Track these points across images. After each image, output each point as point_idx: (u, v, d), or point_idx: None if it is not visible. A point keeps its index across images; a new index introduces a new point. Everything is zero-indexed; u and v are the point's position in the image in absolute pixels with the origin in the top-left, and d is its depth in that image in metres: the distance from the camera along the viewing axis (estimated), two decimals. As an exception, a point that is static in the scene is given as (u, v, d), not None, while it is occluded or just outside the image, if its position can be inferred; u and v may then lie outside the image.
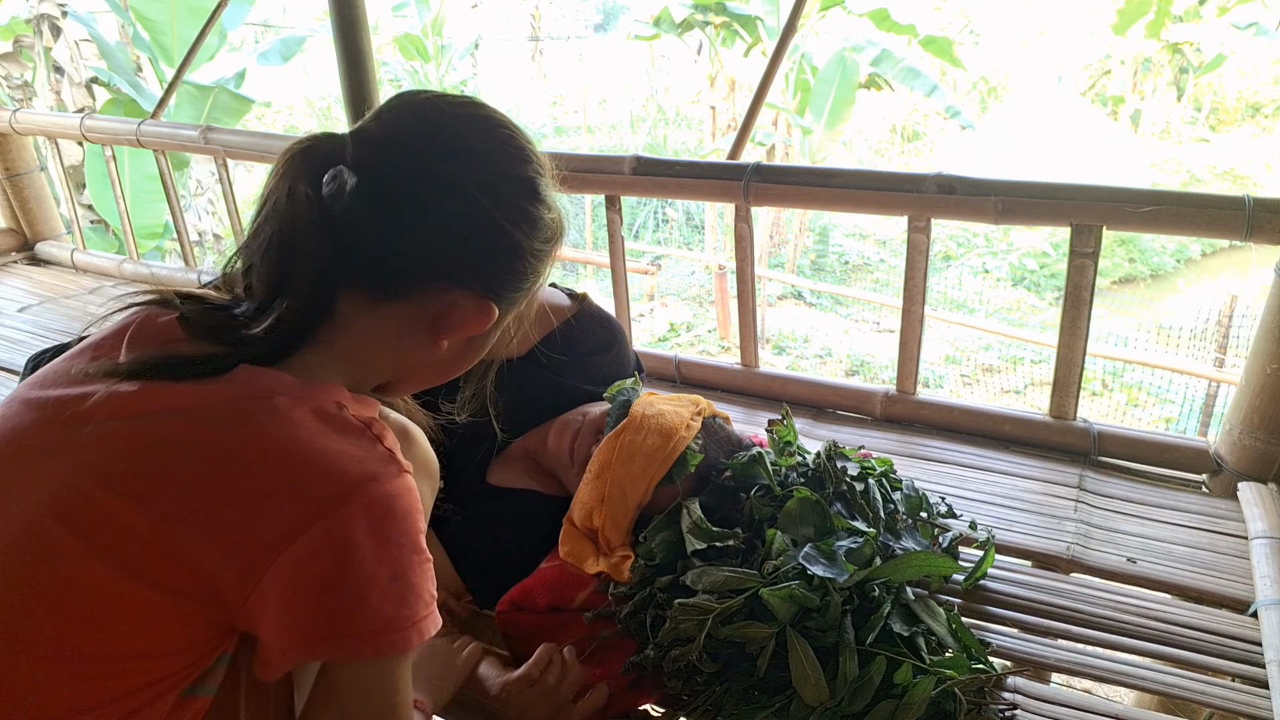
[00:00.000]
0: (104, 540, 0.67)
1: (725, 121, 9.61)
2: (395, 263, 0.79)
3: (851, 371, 7.96)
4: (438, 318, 0.82)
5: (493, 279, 0.83)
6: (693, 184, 1.96)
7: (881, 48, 7.99)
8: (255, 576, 0.68)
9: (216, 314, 0.79)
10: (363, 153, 0.79)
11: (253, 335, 0.76)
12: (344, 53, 2.29)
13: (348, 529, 0.69)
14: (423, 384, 0.91)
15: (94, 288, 2.91)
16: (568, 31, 16.41)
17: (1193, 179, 11.83)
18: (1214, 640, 1.22)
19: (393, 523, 0.72)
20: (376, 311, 0.80)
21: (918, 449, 1.80)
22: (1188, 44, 12.60)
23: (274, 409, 0.72)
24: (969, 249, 10.40)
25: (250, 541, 0.68)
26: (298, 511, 0.68)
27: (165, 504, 0.68)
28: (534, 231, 0.84)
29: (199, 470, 0.69)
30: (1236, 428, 1.60)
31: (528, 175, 0.84)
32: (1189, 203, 1.56)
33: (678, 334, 8.53)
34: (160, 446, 0.70)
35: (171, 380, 0.73)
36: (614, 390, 1.39)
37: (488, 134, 0.83)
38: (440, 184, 0.78)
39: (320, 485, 0.70)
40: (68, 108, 5.86)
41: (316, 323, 0.78)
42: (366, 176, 0.78)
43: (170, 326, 0.78)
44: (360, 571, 0.70)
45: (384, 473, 0.73)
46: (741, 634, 1.07)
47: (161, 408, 0.72)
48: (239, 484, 0.69)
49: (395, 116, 0.82)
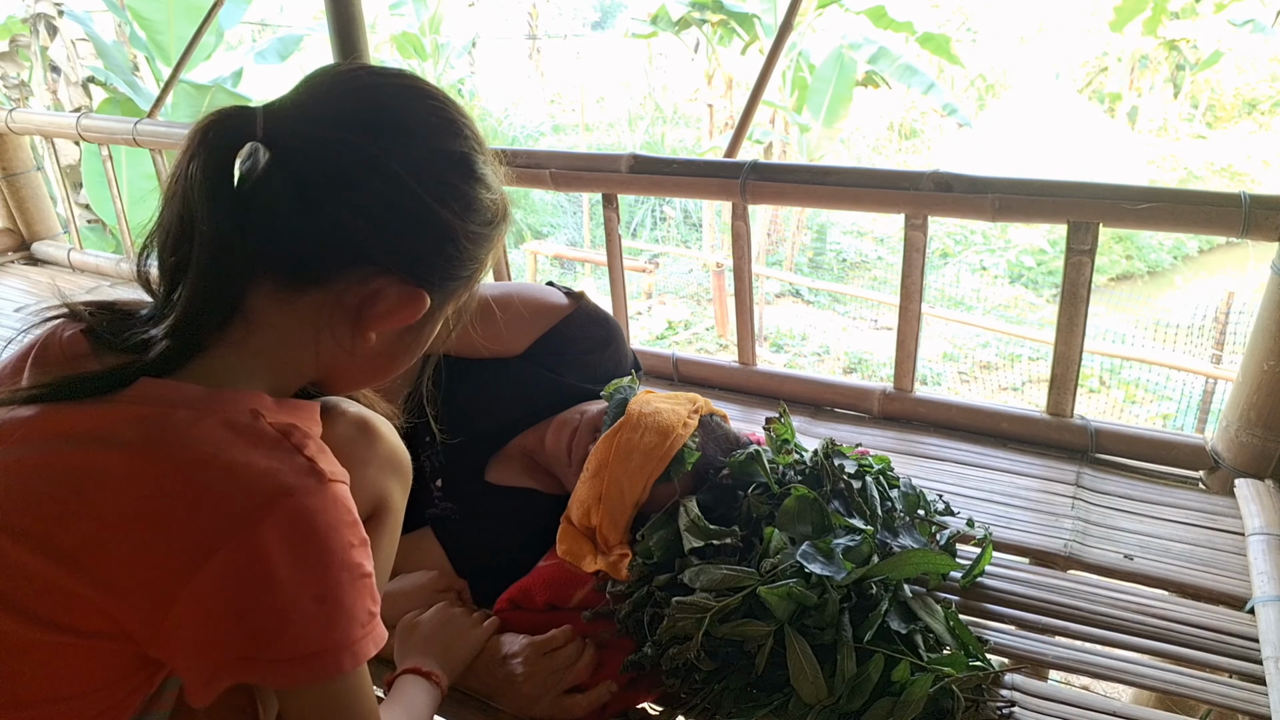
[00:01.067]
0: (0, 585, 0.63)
1: (723, 119, 9.62)
2: (309, 246, 0.71)
3: (849, 369, 7.96)
4: (361, 307, 0.74)
5: (421, 264, 0.75)
6: (689, 182, 1.96)
7: (879, 45, 8.00)
8: (164, 608, 0.63)
9: (125, 321, 0.73)
10: (275, 126, 0.71)
11: (152, 339, 0.70)
12: (340, 51, 2.28)
13: (260, 548, 0.63)
14: (356, 382, 0.85)
15: (91, 287, 2.90)
16: (565, 29, 16.38)
17: (1190, 176, 11.84)
18: (1211, 637, 1.22)
19: (314, 539, 0.66)
20: (292, 303, 0.73)
21: (915, 446, 1.80)
22: (1185, 41, 12.60)
23: (175, 425, 0.66)
24: (967, 246, 10.41)
25: (154, 572, 0.63)
26: (204, 534, 0.63)
27: (59, 540, 0.63)
28: (467, 212, 0.76)
29: (95, 500, 0.64)
30: (1233, 424, 1.60)
31: (459, 150, 0.76)
32: (1185, 200, 1.56)
33: (676, 332, 8.53)
34: (54, 478, 0.64)
35: (69, 402, 0.67)
36: (611, 389, 1.39)
37: (413, 104, 0.75)
38: (358, 157, 0.71)
39: (228, 503, 0.64)
40: (64, 107, 5.86)
41: (223, 320, 0.71)
42: (277, 151, 0.71)
43: (75, 341, 0.73)
44: (278, 593, 0.64)
45: (301, 485, 0.67)
46: (739, 632, 1.07)
47: (56, 433, 0.66)
48: (139, 511, 0.63)
49: (313, 88, 0.74)
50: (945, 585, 1.32)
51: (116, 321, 0.74)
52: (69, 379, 0.68)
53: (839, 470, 1.31)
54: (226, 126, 0.70)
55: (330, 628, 0.67)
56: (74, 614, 0.63)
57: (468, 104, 11.63)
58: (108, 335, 0.72)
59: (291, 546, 0.65)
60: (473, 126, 0.78)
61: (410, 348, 0.82)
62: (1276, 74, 13.42)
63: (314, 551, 0.66)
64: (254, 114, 0.71)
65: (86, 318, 0.74)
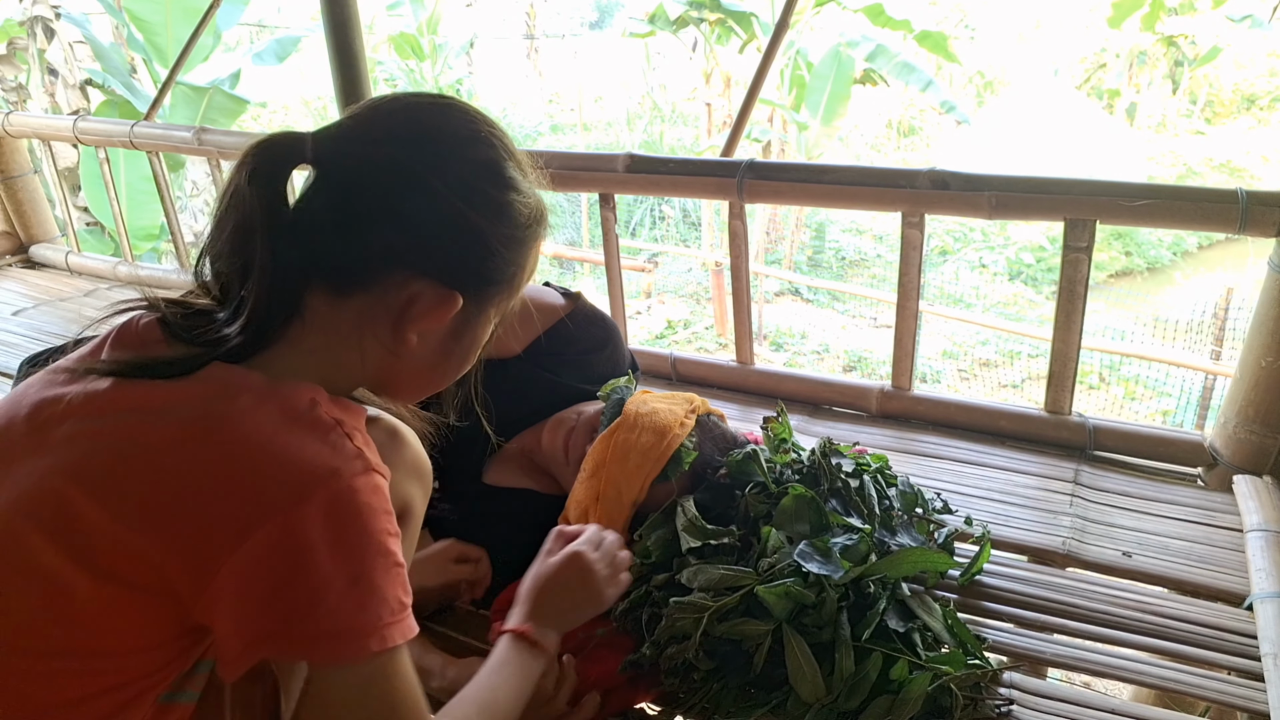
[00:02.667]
0: (69, 537, 0.67)
1: (721, 118, 9.61)
2: (352, 255, 0.77)
3: (849, 367, 7.96)
4: (401, 310, 0.79)
5: (454, 267, 0.79)
6: (686, 181, 1.96)
7: (877, 43, 8.00)
8: (209, 573, 0.67)
9: (196, 317, 0.78)
10: (321, 147, 0.78)
11: (225, 335, 0.76)
12: (336, 52, 2.28)
13: (302, 527, 0.67)
14: (412, 388, 0.88)
15: (89, 290, 2.90)
16: (563, 29, 16.38)
17: (1189, 172, 11.84)
18: (1210, 634, 1.22)
19: (354, 522, 0.70)
20: (341, 307, 0.78)
21: (914, 445, 1.80)
22: (1183, 37, 12.60)
23: (237, 406, 0.71)
24: (966, 244, 10.41)
25: (203, 539, 0.67)
26: (251, 509, 0.67)
27: (124, 502, 0.67)
28: (498, 216, 0.80)
29: (157, 469, 0.68)
30: (1231, 421, 1.60)
31: (490, 158, 0.81)
32: (1182, 196, 1.56)
33: (675, 331, 8.53)
34: (123, 446, 0.69)
35: (144, 379, 0.73)
36: (608, 389, 1.39)
37: (443, 118, 0.81)
38: (393, 169, 0.77)
39: (276, 482, 0.68)
40: (62, 110, 5.85)
41: (284, 321, 0.77)
42: (323, 170, 0.78)
43: (150, 329, 0.78)
44: (315, 571, 0.68)
45: (348, 469, 0.70)
46: (738, 631, 1.07)
47: (129, 407, 0.71)
48: (195, 482, 0.68)
49: (356, 114, 0.81)
50: (943, 583, 1.32)
51: (189, 317, 0.78)
52: (146, 359, 0.74)
53: (836, 469, 1.31)
54: (279, 150, 0.77)
55: (362, 610, 0.70)
56: (132, 568, 0.67)
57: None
58: (180, 328, 0.77)
59: (332, 527, 0.68)
60: (503, 136, 0.83)
61: (458, 354, 0.86)
62: (1275, 69, 13.41)
63: (353, 534, 0.70)
64: (304, 138, 0.78)
65: (162, 309, 0.79)
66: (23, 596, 0.67)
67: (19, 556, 0.68)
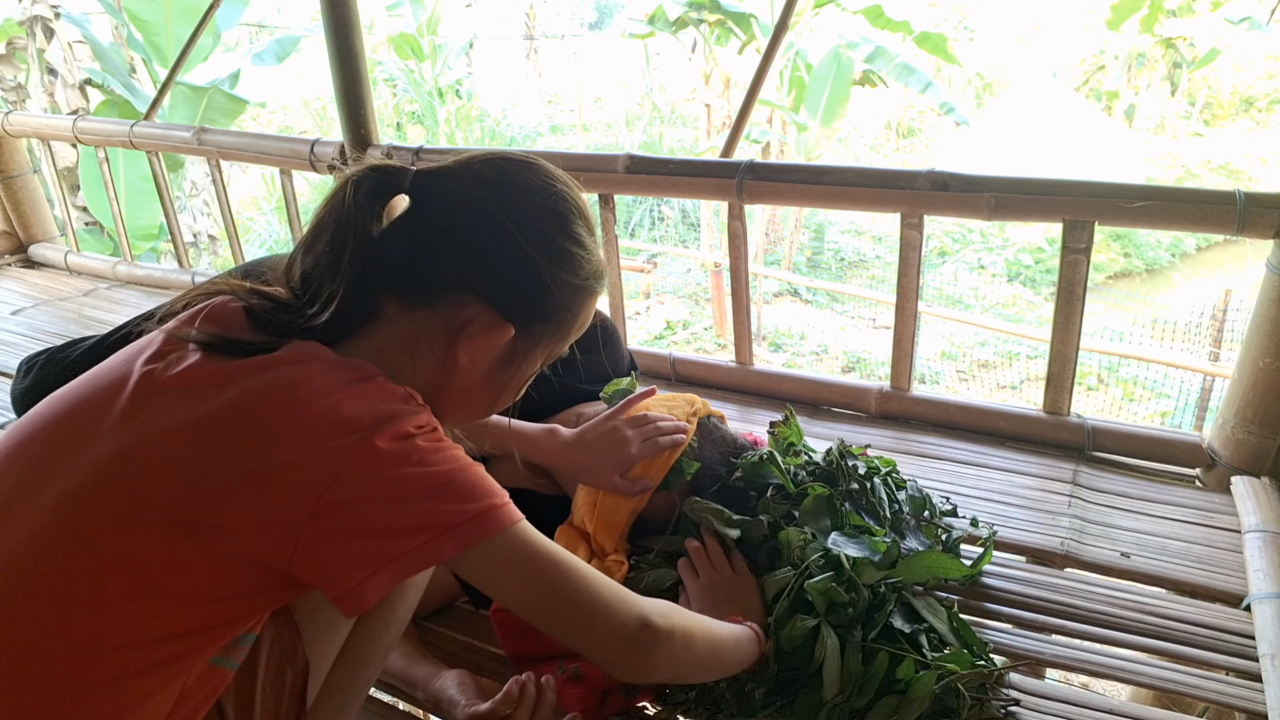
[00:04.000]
0: (172, 489, 0.73)
1: (720, 119, 9.62)
2: (426, 272, 0.86)
3: (848, 368, 7.97)
4: (458, 329, 0.86)
5: (512, 299, 0.88)
6: (686, 182, 1.96)
7: (876, 44, 8.00)
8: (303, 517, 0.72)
9: (279, 310, 0.85)
10: (419, 181, 0.87)
11: (309, 326, 0.83)
12: (336, 52, 2.29)
13: (383, 452, 0.74)
14: (457, 409, 0.93)
15: (88, 290, 2.90)
16: (562, 30, 16.38)
17: (1188, 173, 11.85)
18: (1208, 634, 1.23)
19: (431, 439, 0.78)
20: (409, 315, 0.86)
21: (913, 445, 1.80)
22: (1181, 39, 12.61)
23: (311, 367, 0.78)
24: (965, 245, 10.41)
25: (297, 478, 0.72)
26: (331, 453, 0.73)
27: (220, 458, 0.73)
28: (557, 260, 0.89)
29: (246, 427, 0.74)
30: (1230, 422, 1.61)
31: (559, 210, 0.90)
32: (1180, 198, 1.56)
33: (674, 332, 8.54)
34: (215, 410, 0.75)
35: (232, 357, 0.79)
36: (611, 389, 1.39)
37: (526, 172, 0.90)
38: (473, 205, 0.86)
39: (350, 423, 0.74)
40: (61, 109, 5.84)
41: (365, 319, 0.85)
42: (417, 199, 0.87)
43: (237, 314, 0.85)
44: (409, 482, 0.74)
45: (415, 410, 0.79)
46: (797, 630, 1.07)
47: (218, 373, 0.78)
48: (281, 438, 0.73)
49: (455, 160, 0.91)
50: (943, 584, 1.32)
51: (269, 309, 0.85)
52: (237, 339, 0.81)
53: (852, 470, 1.31)
54: (384, 177, 0.86)
55: (468, 497, 0.77)
56: (225, 517, 0.72)
57: (466, 105, 11.64)
58: (264, 317, 0.84)
59: (410, 447, 0.75)
60: (576, 197, 0.92)
61: (501, 383, 0.93)
62: (1273, 71, 13.43)
63: (434, 447, 0.77)
64: (407, 171, 0.87)
65: (249, 298, 0.86)
66: (118, 540, 0.72)
67: (118, 499, 0.73)
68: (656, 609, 0.86)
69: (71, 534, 0.72)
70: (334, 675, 0.98)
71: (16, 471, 0.77)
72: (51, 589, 0.71)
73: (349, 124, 2.37)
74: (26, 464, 0.77)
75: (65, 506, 0.73)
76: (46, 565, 0.72)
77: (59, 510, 0.73)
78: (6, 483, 0.77)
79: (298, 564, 0.73)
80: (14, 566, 0.72)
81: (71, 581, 0.71)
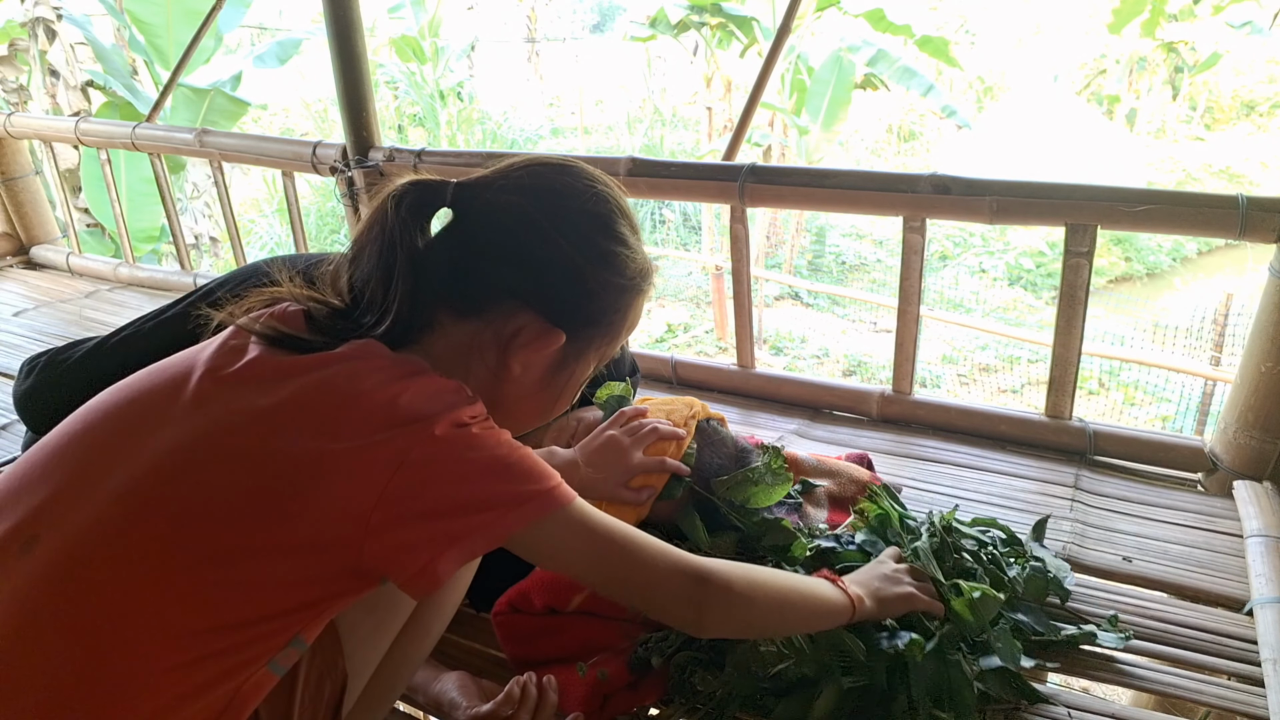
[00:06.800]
0: (231, 475, 0.74)
1: (722, 122, 9.62)
2: (475, 285, 0.87)
3: (849, 372, 7.97)
4: (509, 339, 0.88)
5: (561, 306, 0.88)
6: (688, 185, 1.96)
7: (877, 48, 8.01)
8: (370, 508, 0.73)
9: (338, 316, 0.87)
10: (459, 194, 0.89)
11: (366, 333, 0.85)
12: (338, 55, 2.29)
13: (441, 439, 0.76)
14: (514, 417, 0.93)
15: (90, 291, 2.90)
16: (564, 33, 16.40)
17: (1189, 177, 11.85)
18: (1210, 639, 1.22)
19: (486, 426, 0.80)
20: (461, 325, 0.88)
21: (914, 449, 1.80)
22: (1183, 43, 12.62)
23: (369, 363, 0.80)
24: (966, 249, 10.41)
25: (362, 470, 0.74)
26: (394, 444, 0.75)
27: (285, 449, 0.75)
28: (603, 263, 0.89)
29: (309, 419, 0.76)
30: (1231, 426, 1.60)
31: (601, 212, 0.90)
32: (1182, 202, 1.56)
33: (675, 335, 8.54)
34: (279, 402, 0.78)
35: (294, 352, 0.82)
36: (603, 394, 1.38)
37: (565, 176, 0.91)
38: (516, 214, 0.87)
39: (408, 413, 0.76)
40: (63, 111, 5.84)
41: (420, 331, 0.87)
42: (460, 211, 0.89)
43: (296, 317, 0.87)
44: (471, 462, 0.77)
45: (467, 399, 0.81)
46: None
47: (285, 371, 0.80)
48: (344, 427, 0.75)
49: (495, 170, 0.91)
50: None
51: (327, 315, 0.87)
52: (299, 335, 0.84)
53: (959, 544, 1.25)
54: (425, 191, 0.88)
55: (528, 478, 0.79)
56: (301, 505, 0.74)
57: (467, 107, 11.65)
58: (323, 321, 0.86)
59: (468, 434, 0.78)
60: (618, 197, 0.93)
61: (556, 389, 0.94)
62: (1274, 76, 13.44)
63: (489, 434, 0.80)
64: (448, 185, 0.89)
65: (308, 303, 0.88)
66: (183, 528, 0.73)
67: (186, 494, 0.74)
68: (715, 565, 0.89)
69: (138, 521, 0.73)
70: (367, 690, 0.97)
71: (78, 458, 0.78)
72: (114, 580, 0.71)
73: (351, 126, 2.37)
74: (90, 451, 0.78)
75: (131, 493, 0.74)
76: (114, 551, 0.72)
77: (124, 497, 0.74)
78: (68, 469, 0.78)
79: (368, 550, 0.74)
80: (77, 555, 0.72)
81: (138, 568, 0.72)
